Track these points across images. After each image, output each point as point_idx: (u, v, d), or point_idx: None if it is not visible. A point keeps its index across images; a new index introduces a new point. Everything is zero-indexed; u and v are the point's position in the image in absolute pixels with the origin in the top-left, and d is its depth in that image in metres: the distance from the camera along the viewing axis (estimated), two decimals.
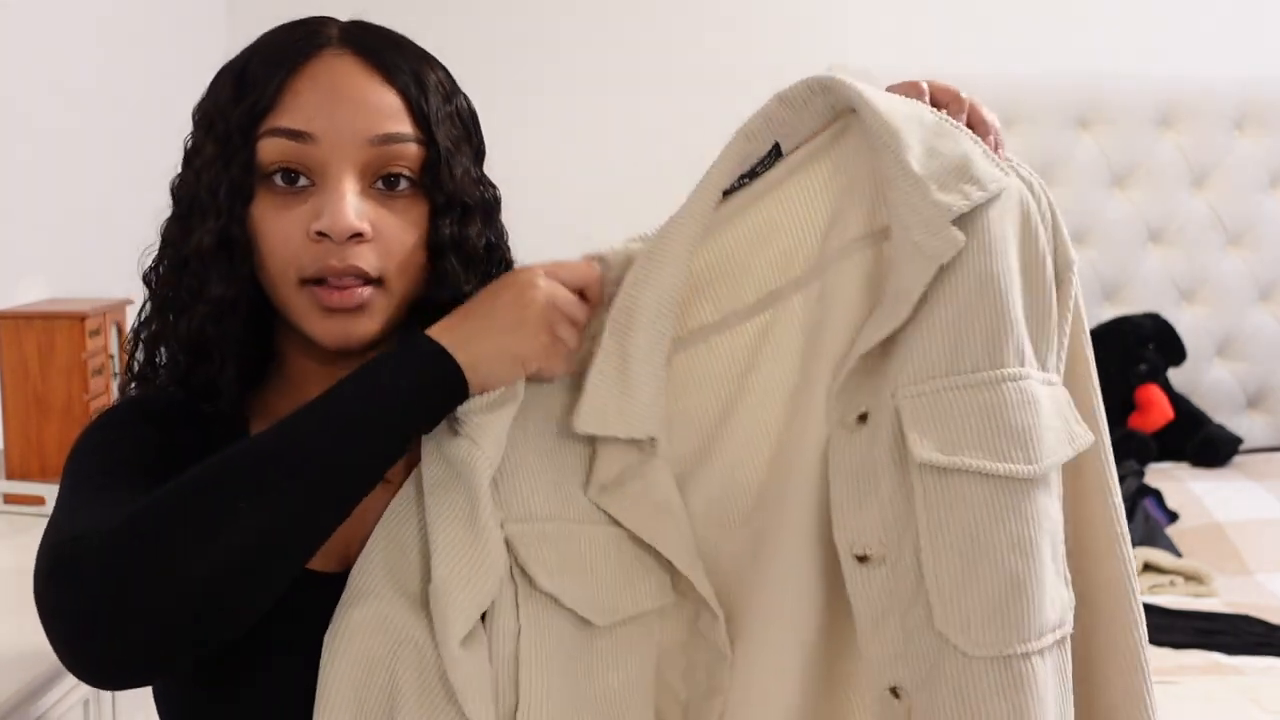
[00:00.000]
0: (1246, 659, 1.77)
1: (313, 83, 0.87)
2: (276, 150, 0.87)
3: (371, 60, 0.89)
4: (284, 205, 0.87)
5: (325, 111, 0.87)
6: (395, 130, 0.88)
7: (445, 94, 0.94)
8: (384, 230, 0.88)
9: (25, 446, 1.65)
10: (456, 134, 0.93)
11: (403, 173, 0.89)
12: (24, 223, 1.97)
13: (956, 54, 2.88)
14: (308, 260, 0.87)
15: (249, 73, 0.89)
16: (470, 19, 2.86)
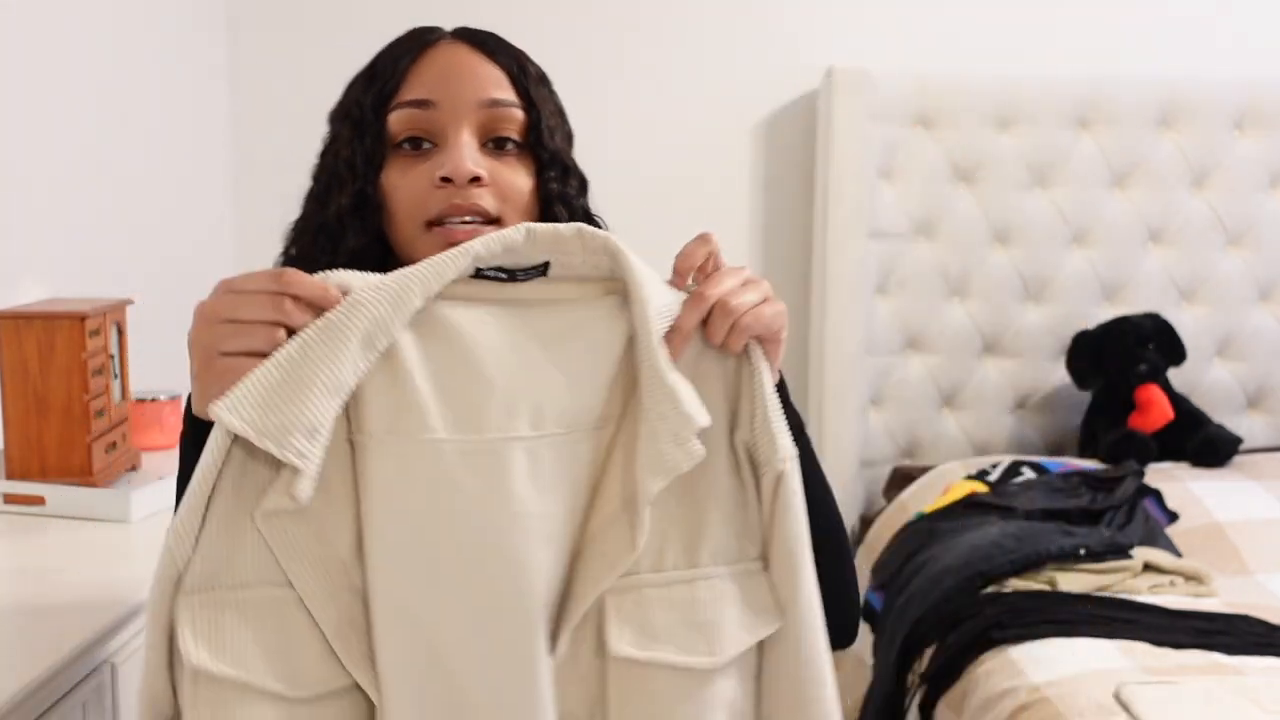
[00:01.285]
0: (1246, 659, 1.77)
1: (431, 63, 1.05)
2: (403, 121, 1.03)
3: (478, 45, 1.07)
4: (411, 165, 1.02)
5: (442, 83, 1.03)
6: (502, 96, 1.04)
7: (541, 79, 1.10)
8: (499, 177, 1.02)
9: (25, 446, 1.64)
10: (553, 108, 1.08)
11: (510, 135, 1.04)
12: (24, 223, 1.97)
13: (956, 54, 2.88)
14: (433, 204, 1.01)
15: (377, 66, 1.09)
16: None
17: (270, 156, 2.88)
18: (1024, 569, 2.05)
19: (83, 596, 1.34)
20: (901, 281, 2.81)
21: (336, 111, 1.12)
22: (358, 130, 1.06)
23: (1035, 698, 1.68)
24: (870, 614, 2.30)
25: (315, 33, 2.85)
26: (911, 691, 1.97)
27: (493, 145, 1.04)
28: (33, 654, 1.15)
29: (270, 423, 0.81)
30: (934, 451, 2.86)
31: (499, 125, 1.04)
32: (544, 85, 1.10)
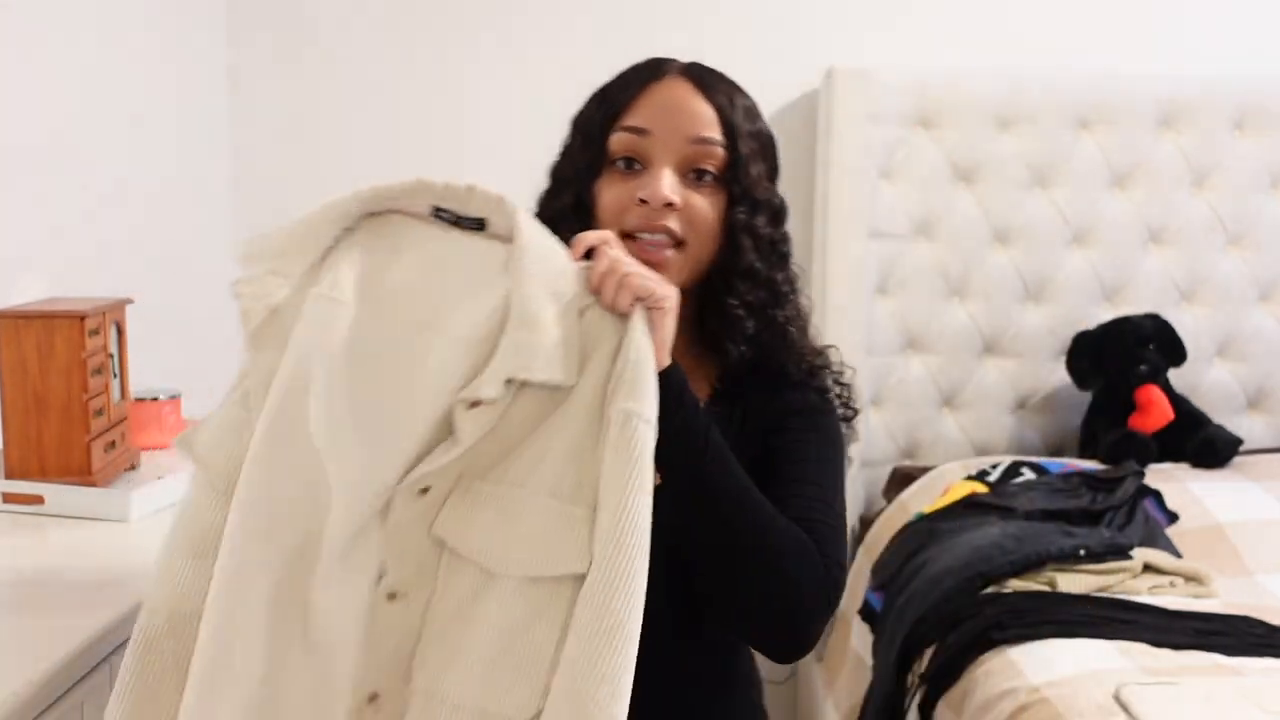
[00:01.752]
0: (1246, 660, 1.77)
1: (654, 96, 1.21)
2: (622, 143, 1.21)
3: (699, 84, 1.22)
4: (620, 181, 1.20)
5: (660, 116, 1.20)
6: (708, 135, 1.20)
7: (751, 117, 1.25)
8: (691, 204, 1.19)
9: (25, 446, 1.64)
10: (755, 148, 1.23)
11: (709, 169, 1.20)
12: (24, 222, 1.96)
13: (956, 54, 2.88)
14: (630, 218, 1.18)
15: (609, 90, 1.26)
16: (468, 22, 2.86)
17: (270, 157, 2.88)
18: (1024, 569, 2.04)
19: (82, 596, 1.34)
20: (901, 281, 2.81)
21: (576, 120, 1.30)
22: (585, 143, 1.24)
23: (1035, 698, 1.68)
24: (870, 614, 2.29)
25: (315, 33, 2.85)
26: (911, 692, 1.97)
27: (694, 175, 1.20)
28: (33, 654, 1.15)
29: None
30: (934, 452, 2.85)
31: (701, 160, 1.20)
32: (751, 122, 1.25)
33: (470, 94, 2.87)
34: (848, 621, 2.50)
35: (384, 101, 2.87)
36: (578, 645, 1.00)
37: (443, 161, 2.88)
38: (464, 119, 2.88)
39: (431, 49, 2.86)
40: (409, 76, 2.86)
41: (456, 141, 2.88)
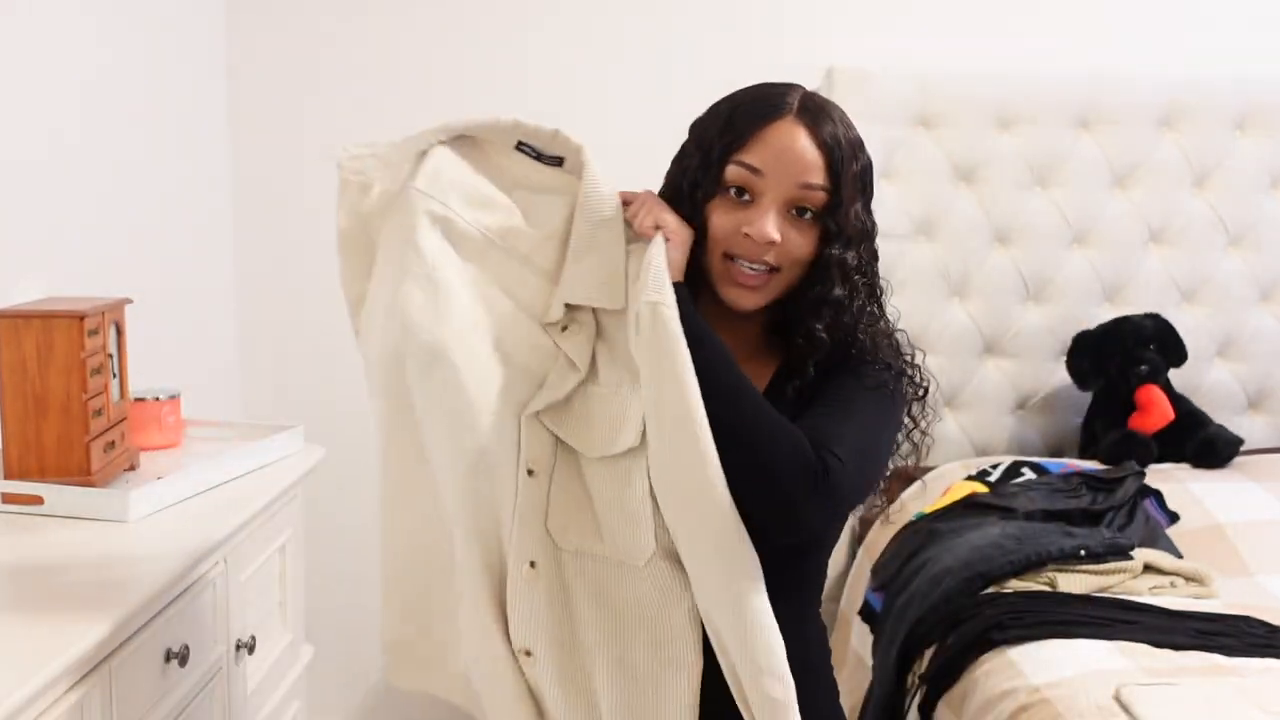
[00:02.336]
0: (1246, 660, 1.77)
1: (773, 138, 1.33)
2: (737, 175, 1.33)
3: (811, 127, 1.33)
4: (730, 209, 1.34)
5: (774, 160, 1.32)
6: (815, 181, 1.33)
7: (855, 154, 1.37)
8: (788, 239, 1.33)
9: (24, 446, 1.64)
10: (855, 187, 1.38)
11: (810, 208, 1.34)
12: (24, 222, 1.96)
13: (956, 54, 2.88)
14: (733, 245, 1.34)
15: (735, 118, 1.36)
16: (469, 18, 2.86)
17: (270, 156, 2.88)
18: (1024, 570, 2.04)
19: (82, 596, 1.33)
20: (901, 281, 2.79)
21: (696, 128, 1.42)
22: (703, 164, 1.36)
23: (1035, 699, 1.68)
24: (870, 614, 2.29)
25: (315, 33, 2.85)
26: (911, 692, 1.97)
27: (795, 212, 1.34)
28: (32, 653, 1.15)
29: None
30: (934, 452, 2.81)
31: (804, 200, 1.33)
32: (855, 160, 1.37)
33: (470, 94, 2.87)
34: (848, 621, 2.50)
35: (384, 101, 2.87)
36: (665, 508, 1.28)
37: None
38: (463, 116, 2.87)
39: (432, 49, 2.86)
40: (409, 76, 2.86)
41: None
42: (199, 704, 1.56)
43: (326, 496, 2.67)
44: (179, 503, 1.71)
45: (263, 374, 2.93)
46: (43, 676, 1.11)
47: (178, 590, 1.46)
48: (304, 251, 2.91)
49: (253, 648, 1.75)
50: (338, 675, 2.93)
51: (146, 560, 1.45)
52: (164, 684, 1.45)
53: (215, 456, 1.86)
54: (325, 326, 2.93)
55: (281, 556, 1.95)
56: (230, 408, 2.85)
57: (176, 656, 1.46)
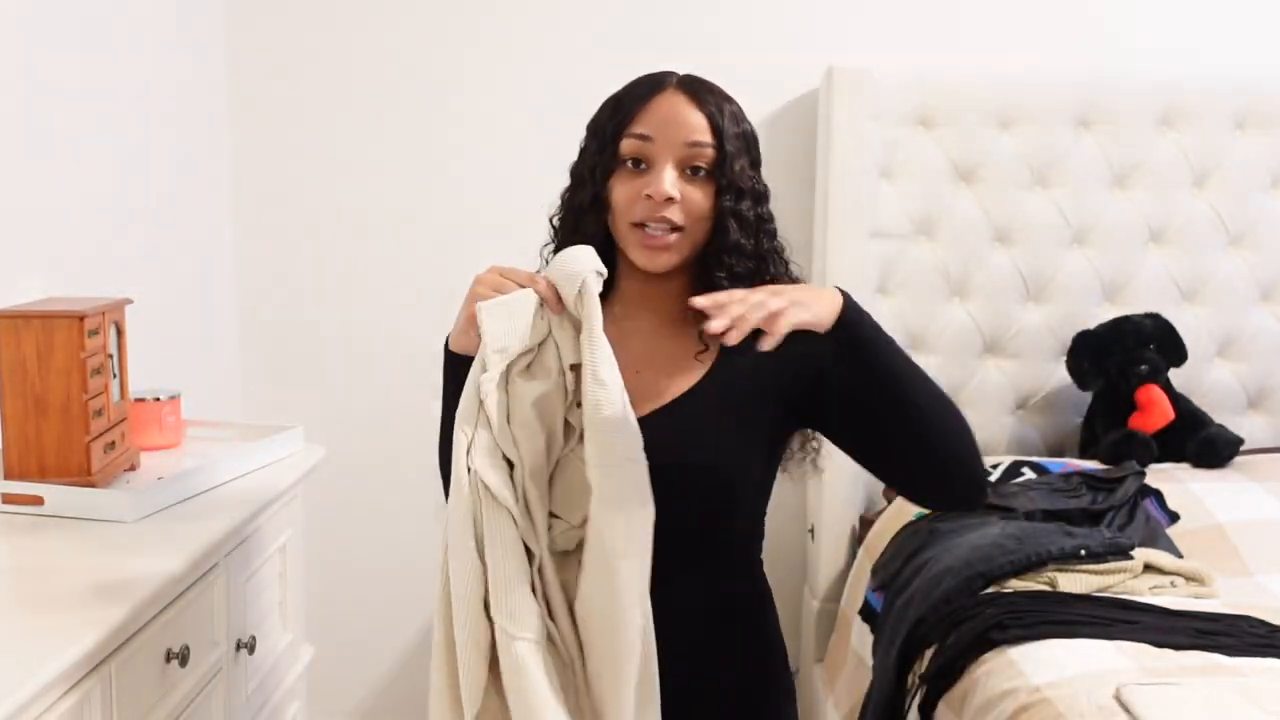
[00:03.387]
0: (1247, 660, 1.77)
1: (657, 107, 1.43)
2: (630, 147, 1.42)
3: (693, 96, 1.44)
4: (630, 179, 1.43)
5: (661, 125, 1.42)
6: (700, 139, 1.42)
7: (736, 120, 1.46)
8: (687, 197, 1.42)
9: (24, 446, 1.64)
10: (739, 146, 1.46)
11: (701, 166, 1.42)
12: (23, 222, 1.96)
13: (956, 54, 2.88)
14: (638, 210, 1.41)
15: (621, 100, 1.46)
16: (469, 21, 2.86)
17: (270, 156, 2.88)
18: (1024, 569, 2.04)
19: (82, 596, 1.33)
20: (901, 281, 2.81)
21: (591, 125, 1.50)
22: (599, 147, 1.45)
23: (1035, 698, 1.68)
24: (870, 614, 2.29)
25: (314, 33, 2.85)
26: (911, 692, 1.97)
27: (689, 172, 1.43)
28: (33, 654, 1.15)
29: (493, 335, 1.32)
30: None
31: (694, 159, 1.42)
32: (737, 125, 1.46)
33: (470, 93, 2.87)
34: (848, 621, 2.50)
35: (384, 101, 2.87)
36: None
37: (442, 160, 2.88)
38: (464, 118, 2.87)
39: (431, 49, 2.86)
40: (409, 76, 2.86)
41: (456, 141, 2.88)
42: (199, 704, 1.56)
43: (326, 496, 2.67)
44: (179, 503, 1.71)
45: (263, 374, 2.93)
46: (43, 677, 1.11)
47: (178, 590, 1.46)
48: (304, 252, 2.91)
49: (253, 648, 1.75)
50: (338, 675, 2.93)
51: (146, 560, 1.45)
52: (164, 684, 1.45)
53: (215, 457, 1.86)
54: (325, 326, 2.95)
55: (281, 556, 1.95)
56: (230, 408, 2.85)
57: (177, 656, 1.46)
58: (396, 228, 2.90)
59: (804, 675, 2.87)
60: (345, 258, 2.90)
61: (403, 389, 2.86)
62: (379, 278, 2.91)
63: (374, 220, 2.90)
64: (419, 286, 2.89)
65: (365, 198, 2.89)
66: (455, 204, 2.89)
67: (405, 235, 2.90)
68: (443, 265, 2.86)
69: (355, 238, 2.90)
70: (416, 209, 2.89)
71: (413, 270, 2.90)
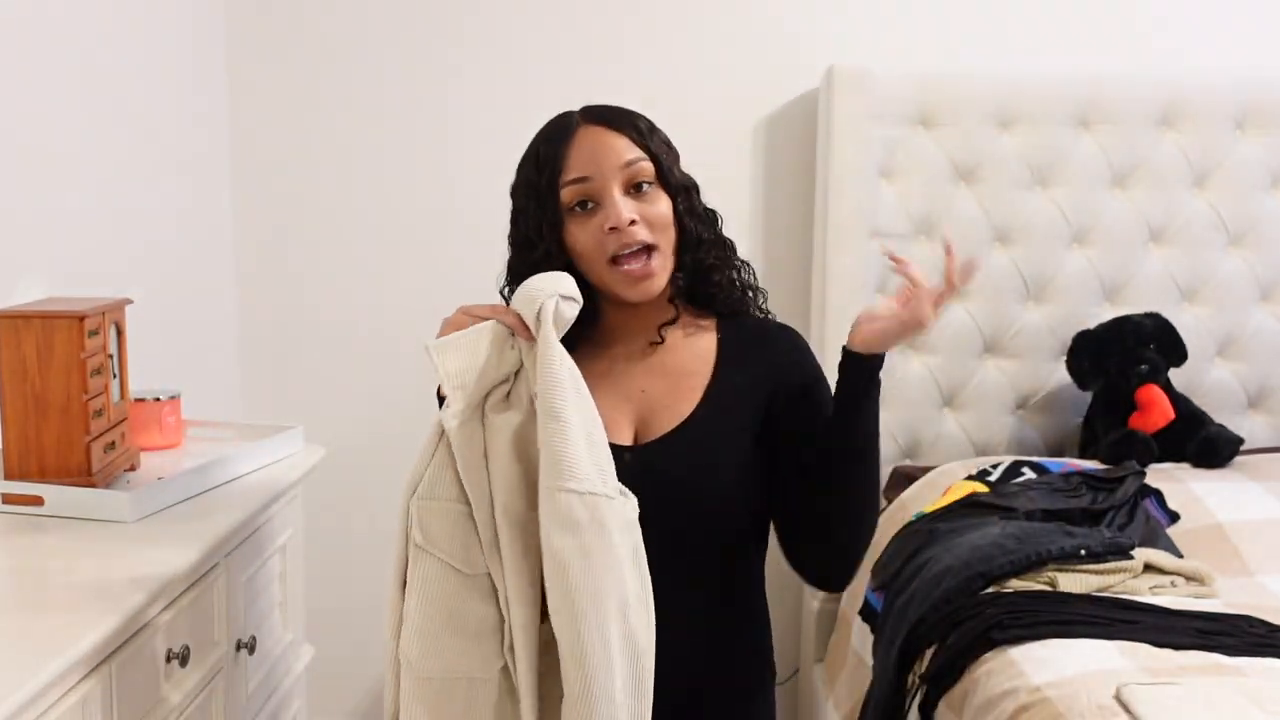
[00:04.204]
0: (1247, 660, 1.77)
1: (579, 147, 1.46)
2: (572, 193, 1.46)
3: (606, 123, 1.48)
4: (585, 222, 1.46)
5: (592, 161, 1.45)
6: (633, 157, 1.46)
7: (651, 129, 1.50)
8: (647, 214, 1.45)
9: (24, 446, 1.64)
10: (665, 151, 1.50)
11: (645, 179, 1.46)
12: (23, 222, 1.96)
13: (956, 54, 2.88)
14: (608, 246, 1.44)
15: (541, 156, 1.49)
16: (468, 22, 2.86)
17: (270, 156, 2.88)
18: (1024, 569, 2.04)
19: (82, 596, 1.33)
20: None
21: (517, 188, 1.53)
22: (539, 203, 1.47)
23: (1036, 698, 1.68)
24: (870, 614, 2.29)
25: (314, 33, 2.85)
26: (912, 692, 1.97)
27: (634, 190, 1.46)
28: (33, 653, 1.15)
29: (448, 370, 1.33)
30: (934, 451, 2.85)
31: (635, 177, 1.46)
32: (654, 133, 1.50)
33: (471, 93, 2.87)
34: (848, 621, 2.50)
35: (383, 101, 2.87)
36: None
37: (442, 160, 2.88)
38: (463, 118, 2.87)
39: (431, 49, 2.86)
40: (408, 76, 2.86)
41: (455, 140, 2.88)
42: (199, 704, 1.56)
43: (326, 496, 2.67)
44: (179, 503, 1.71)
45: (263, 374, 2.93)
46: (43, 677, 1.11)
47: (178, 590, 1.46)
48: (304, 252, 2.91)
49: (253, 648, 1.75)
50: (338, 675, 2.93)
51: (146, 561, 1.45)
52: (164, 684, 1.45)
53: (215, 457, 1.86)
54: (325, 326, 2.95)
55: (281, 556, 1.95)
56: (230, 408, 2.85)
57: (177, 656, 1.46)
58: (397, 228, 2.90)
59: (804, 675, 2.87)
60: (345, 258, 2.90)
61: (403, 389, 2.86)
62: (379, 278, 2.91)
63: (374, 220, 2.90)
64: (419, 286, 2.89)
65: (365, 198, 2.89)
66: (455, 204, 2.88)
67: (405, 235, 2.90)
68: (443, 265, 2.86)
69: (355, 238, 2.90)
70: (417, 209, 2.89)
71: (413, 270, 2.90)
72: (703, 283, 1.54)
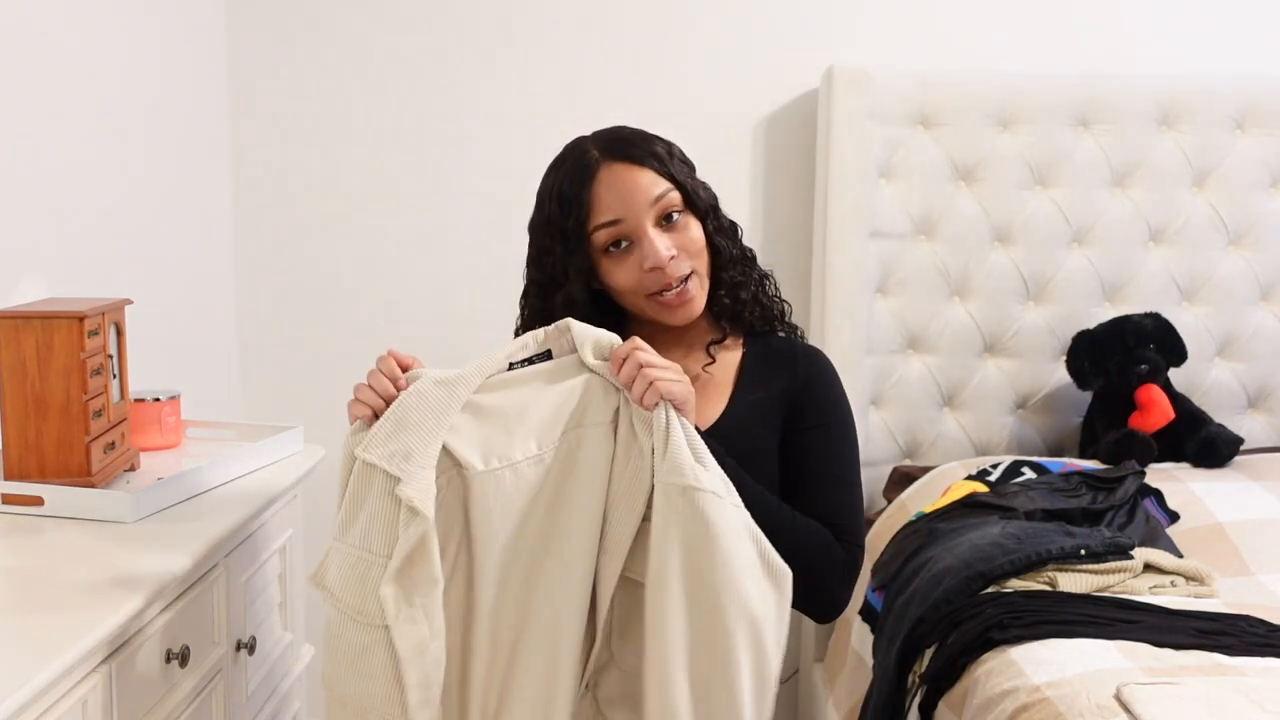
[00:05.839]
0: (1247, 660, 1.77)
1: (605, 188, 1.49)
2: (605, 237, 1.50)
3: (626, 158, 1.50)
4: (621, 261, 1.51)
5: (620, 202, 1.49)
6: (660, 191, 1.50)
7: (670, 153, 1.54)
8: (682, 244, 1.51)
9: (24, 447, 1.64)
10: (686, 173, 1.54)
11: (674, 209, 1.51)
12: (23, 223, 1.96)
13: (956, 54, 2.88)
14: (649, 284, 1.51)
15: (563, 194, 1.50)
16: (469, 22, 2.86)
17: (269, 157, 2.88)
18: (1024, 569, 2.04)
19: (82, 596, 1.33)
20: (901, 281, 2.81)
21: (537, 226, 1.55)
22: (566, 248, 1.50)
23: (1036, 698, 1.68)
24: (870, 614, 2.29)
25: (314, 34, 2.85)
26: (911, 692, 1.97)
27: (665, 221, 1.51)
28: (33, 654, 1.14)
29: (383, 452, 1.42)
30: (934, 451, 2.85)
31: (666, 209, 1.51)
32: (673, 156, 1.53)
33: (471, 96, 2.87)
34: (848, 621, 2.50)
35: (383, 101, 2.87)
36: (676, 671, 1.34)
37: (441, 161, 2.88)
38: (463, 118, 2.87)
39: (431, 48, 2.86)
40: (408, 76, 2.86)
41: (455, 140, 2.88)
42: (199, 704, 1.56)
43: (326, 496, 2.66)
44: (179, 503, 1.71)
45: (263, 374, 2.93)
46: (43, 677, 1.11)
47: (178, 591, 1.46)
48: (304, 252, 2.91)
49: (253, 648, 1.75)
50: None
51: (146, 561, 1.45)
52: (164, 684, 1.45)
53: (215, 457, 1.86)
54: (325, 327, 2.95)
55: (281, 556, 1.95)
56: (230, 408, 2.85)
57: (177, 657, 1.46)
58: (396, 228, 2.90)
59: (804, 675, 2.87)
60: (345, 258, 2.90)
61: None
62: (379, 278, 2.91)
63: (374, 220, 2.90)
64: (420, 286, 2.89)
65: (365, 198, 2.89)
66: (456, 204, 2.88)
67: (405, 235, 2.90)
68: (443, 266, 2.86)
69: (355, 238, 2.90)
70: (417, 209, 2.89)
71: (413, 270, 2.90)
72: (731, 299, 1.60)
